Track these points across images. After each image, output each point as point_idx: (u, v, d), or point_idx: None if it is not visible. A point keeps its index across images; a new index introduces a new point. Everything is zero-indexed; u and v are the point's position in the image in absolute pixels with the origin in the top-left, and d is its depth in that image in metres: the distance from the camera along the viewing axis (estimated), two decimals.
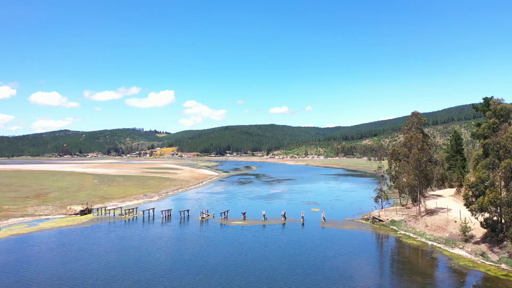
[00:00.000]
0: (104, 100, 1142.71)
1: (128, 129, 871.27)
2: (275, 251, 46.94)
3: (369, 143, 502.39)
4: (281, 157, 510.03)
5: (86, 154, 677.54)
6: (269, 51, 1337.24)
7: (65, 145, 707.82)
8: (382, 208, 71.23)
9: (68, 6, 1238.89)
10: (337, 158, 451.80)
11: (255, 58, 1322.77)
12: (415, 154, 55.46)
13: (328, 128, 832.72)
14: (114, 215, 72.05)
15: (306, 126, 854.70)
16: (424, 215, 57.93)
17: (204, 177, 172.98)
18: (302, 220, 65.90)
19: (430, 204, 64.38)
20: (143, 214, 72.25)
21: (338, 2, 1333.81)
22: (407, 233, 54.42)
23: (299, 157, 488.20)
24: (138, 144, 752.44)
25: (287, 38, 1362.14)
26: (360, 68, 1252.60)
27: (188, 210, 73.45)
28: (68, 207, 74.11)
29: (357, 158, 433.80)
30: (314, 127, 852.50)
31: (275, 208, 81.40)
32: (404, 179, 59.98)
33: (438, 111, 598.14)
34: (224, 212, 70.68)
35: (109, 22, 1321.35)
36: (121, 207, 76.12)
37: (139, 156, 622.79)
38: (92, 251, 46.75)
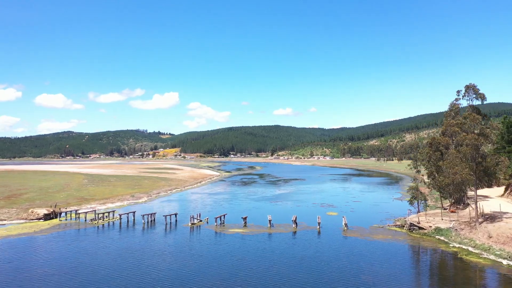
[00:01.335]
0: (109, 102, 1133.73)
1: (131, 130, 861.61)
2: (286, 272, 33.26)
3: (376, 143, 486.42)
4: (286, 157, 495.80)
5: (88, 155, 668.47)
6: (272, 53, 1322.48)
7: (67, 146, 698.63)
8: (418, 211, 56.99)
9: (72, 8, 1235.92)
10: (343, 158, 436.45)
11: (258, 59, 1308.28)
12: (472, 139, 41.45)
13: (333, 129, 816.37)
14: (85, 220, 58.79)
15: (310, 127, 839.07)
16: (482, 222, 43.83)
17: (204, 177, 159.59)
18: (318, 227, 52.11)
19: (482, 207, 50.16)
20: (120, 218, 58.89)
21: (342, 3, 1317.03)
22: (464, 247, 40.38)
23: (304, 158, 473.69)
24: (141, 145, 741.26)
25: (290, 39, 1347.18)
26: (364, 70, 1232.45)
27: (176, 214, 59.85)
28: (30, 211, 60.91)
29: (364, 158, 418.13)
30: (319, 128, 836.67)
31: (283, 211, 67.66)
32: (453, 175, 45.79)
33: (446, 112, 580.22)
34: (220, 217, 56.99)
35: (113, 24, 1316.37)
36: (95, 210, 62.81)
37: (142, 157, 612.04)
38: (30, 273, 33.32)
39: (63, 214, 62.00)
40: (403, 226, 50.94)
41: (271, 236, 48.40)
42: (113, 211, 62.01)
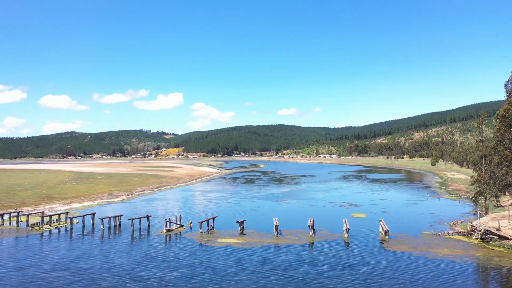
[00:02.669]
0: (113, 102, 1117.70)
1: (134, 130, 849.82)
2: None
3: (384, 141, 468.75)
4: (291, 156, 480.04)
5: (90, 155, 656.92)
6: (276, 53, 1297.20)
7: (69, 146, 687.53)
8: (487, 213, 41.07)
9: (76, 9, 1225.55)
10: (350, 157, 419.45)
11: (262, 60, 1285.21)
12: None
13: (338, 128, 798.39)
14: (27, 225, 43.75)
15: (315, 126, 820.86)
16: None
17: (201, 174, 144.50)
18: (346, 235, 36.57)
19: None
20: (71, 223, 43.69)
21: (346, 3, 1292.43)
22: None
23: (310, 156, 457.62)
24: (144, 145, 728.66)
25: (294, 39, 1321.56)
26: (366, 69, 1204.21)
27: (148, 217, 44.50)
28: None
29: (372, 156, 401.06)
30: (323, 127, 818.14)
31: (293, 212, 52.22)
32: None
33: (454, 110, 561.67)
34: (208, 221, 41.52)
35: (117, 25, 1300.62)
36: (42, 212, 47.73)
37: (144, 157, 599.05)
38: None
39: (6, 217, 46.94)
40: (470, 234, 35.25)
41: (278, 249, 32.99)
42: (66, 213, 46.79)
